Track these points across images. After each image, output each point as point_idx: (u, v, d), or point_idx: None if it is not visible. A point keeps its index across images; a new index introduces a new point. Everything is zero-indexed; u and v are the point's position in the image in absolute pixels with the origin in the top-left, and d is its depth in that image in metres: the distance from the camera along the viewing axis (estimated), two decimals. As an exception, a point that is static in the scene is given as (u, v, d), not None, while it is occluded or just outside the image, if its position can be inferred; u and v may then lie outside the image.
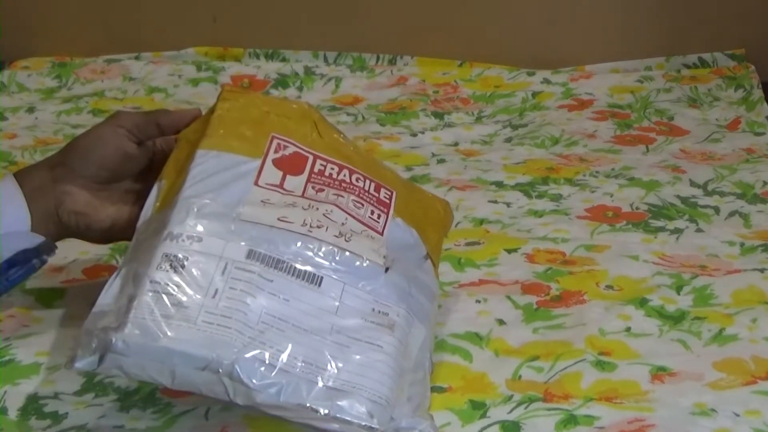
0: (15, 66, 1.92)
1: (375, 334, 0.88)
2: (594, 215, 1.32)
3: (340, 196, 0.96)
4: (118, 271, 0.89)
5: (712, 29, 1.91)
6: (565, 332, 1.04)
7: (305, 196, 0.94)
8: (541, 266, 1.18)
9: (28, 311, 1.10)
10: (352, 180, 0.98)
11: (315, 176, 0.96)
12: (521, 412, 0.92)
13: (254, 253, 0.87)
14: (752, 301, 1.10)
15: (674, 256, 1.20)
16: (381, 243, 0.94)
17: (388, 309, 0.90)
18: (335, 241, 0.91)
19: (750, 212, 1.33)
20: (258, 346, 0.83)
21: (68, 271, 1.18)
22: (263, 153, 0.96)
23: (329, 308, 0.88)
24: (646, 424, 0.90)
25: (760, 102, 1.73)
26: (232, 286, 0.85)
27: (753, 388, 0.95)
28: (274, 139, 0.98)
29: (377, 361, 0.86)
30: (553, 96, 1.79)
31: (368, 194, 0.98)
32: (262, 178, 0.94)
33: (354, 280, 0.90)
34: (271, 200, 0.92)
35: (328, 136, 1.02)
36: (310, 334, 0.85)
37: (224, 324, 0.83)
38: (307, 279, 0.88)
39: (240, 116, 0.99)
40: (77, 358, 0.82)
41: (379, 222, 0.96)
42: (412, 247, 0.98)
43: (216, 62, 1.92)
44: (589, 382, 0.96)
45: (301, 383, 0.83)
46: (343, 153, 1.01)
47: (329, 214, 0.93)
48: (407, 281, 0.94)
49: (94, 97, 1.81)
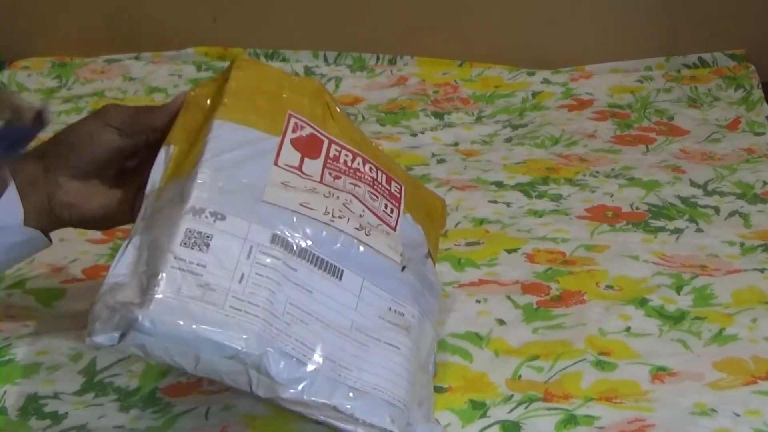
0: (15, 66, 1.92)
1: (392, 334, 0.86)
2: (594, 215, 1.32)
3: (356, 185, 0.92)
4: (129, 239, 0.85)
5: (712, 29, 1.91)
6: (565, 332, 1.04)
7: (324, 182, 0.90)
8: (541, 266, 1.18)
9: (28, 311, 1.10)
10: (365, 169, 0.94)
11: (331, 162, 0.92)
12: (521, 412, 0.92)
13: (278, 238, 0.84)
14: (752, 301, 1.10)
15: (674, 256, 1.20)
16: (396, 239, 0.91)
17: (404, 309, 0.89)
18: (356, 233, 0.88)
19: (750, 212, 1.33)
20: (285, 339, 0.80)
21: (68, 271, 1.18)
22: (281, 131, 0.91)
23: (349, 303, 0.85)
24: (646, 424, 0.90)
25: (760, 102, 1.73)
26: (258, 271, 0.82)
27: (753, 388, 0.95)
28: (291, 117, 0.93)
29: (395, 363, 0.85)
30: (553, 96, 1.78)
31: (381, 186, 0.95)
32: (281, 158, 0.89)
33: (372, 276, 0.87)
34: (291, 183, 0.88)
35: (340, 119, 0.97)
36: (332, 330, 0.83)
37: (252, 312, 0.80)
38: (329, 271, 0.85)
39: (256, 88, 0.94)
40: (96, 332, 0.78)
41: (392, 217, 0.94)
42: (419, 244, 0.96)
43: (216, 62, 1.91)
44: (589, 382, 0.96)
45: (326, 381, 0.81)
46: (354, 139, 0.97)
47: (348, 204, 0.90)
48: (420, 281, 0.92)
49: (94, 97, 1.81)
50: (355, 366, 0.83)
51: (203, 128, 0.90)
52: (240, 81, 0.94)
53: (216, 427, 0.90)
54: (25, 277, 1.17)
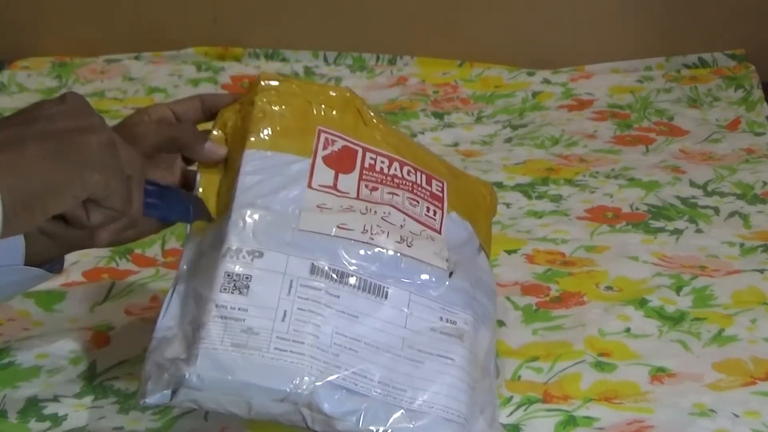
0: (15, 66, 1.92)
1: (445, 345, 0.84)
2: (594, 216, 1.32)
3: (394, 194, 0.89)
4: (173, 288, 0.84)
5: (712, 29, 1.91)
6: (564, 333, 1.04)
7: (360, 197, 0.88)
8: (540, 267, 1.18)
9: (27, 314, 1.10)
10: (403, 174, 0.91)
11: (367, 172, 0.90)
12: (521, 414, 0.92)
13: (317, 267, 0.83)
14: (752, 302, 1.10)
15: (674, 257, 1.20)
16: (441, 244, 0.89)
17: (456, 316, 0.86)
18: (397, 247, 0.86)
19: (750, 213, 1.33)
20: (334, 371, 0.79)
21: (68, 273, 1.18)
22: (312, 150, 0.89)
23: (398, 321, 0.83)
24: (645, 425, 0.90)
25: (760, 102, 1.73)
26: (300, 306, 0.80)
27: (752, 389, 0.95)
28: (321, 133, 0.90)
29: (451, 376, 0.82)
30: (553, 96, 1.78)
31: (421, 189, 0.92)
32: (315, 180, 0.87)
33: (419, 288, 0.85)
34: (327, 204, 0.86)
35: (373, 124, 0.94)
36: (383, 352, 0.81)
37: (297, 350, 0.79)
38: (374, 291, 0.84)
39: (282, 109, 0.91)
40: (148, 393, 0.78)
41: (436, 219, 0.90)
42: (467, 242, 0.93)
43: (216, 62, 1.91)
44: (589, 383, 0.96)
45: (380, 407, 0.79)
46: (390, 143, 0.93)
47: (387, 216, 0.87)
48: (470, 284, 0.89)
49: (94, 97, 1.80)
50: (409, 386, 0.81)
51: (233, 159, 0.89)
52: (266, 104, 0.91)
53: (215, 429, 0.90)
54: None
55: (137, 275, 1.18)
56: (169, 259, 1.22)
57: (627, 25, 1.93)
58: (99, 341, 1.04)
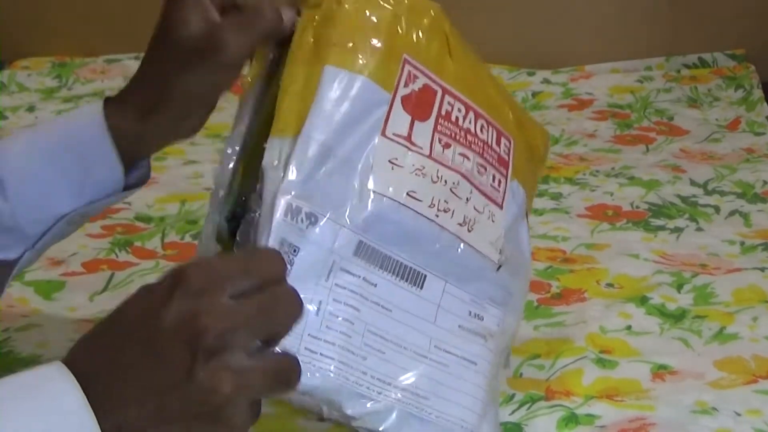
0: (15, 66, 1.92)
1: (470, 346, 0.76)
2: (594, 214, 1.32)
3: (465, 157, 0.76)
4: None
5: (712, 29, 1.91)
6: (565, 330, 1.04)
7: (433, 155, 0.73)
8: (541, 264, 1.18)
9: (26, 302, 1.10)
10: (477, 129, 0.77)
11: (442, 122, 0.75)
12: (523, 413, 0.91)
13: (363, 246, 0.70)
14: (753, 300, 1.10)
15: (675, 255, 1.20)
16: (499, 228, 0.78)
17: (485, 312, 0.78)
18: (458, 230, 0.74)
19: (750, 211, 1.33)
20: (360, 378, 0.70)
21: (68, 264, 1.18)
22: (394, 84, 0.72)
23: (428, 316, 0.74)
24: (647, 422, 0.89)
25: (760, 102, 1.73)
26: (335, 297, 0.69)
27: (754, 387, 0.95)
28: (406, 64, 0.73)
29: (471, 384, 0.76)
30: (553, 96, 1.79)
31: (491, 151, 0.78)
32: (390, 126, 0.71)
33: (458, 277, 0.75)
34: (399, 161, 0.71)
35: (458, 55, 0.78)
36: (411, 354, 0.73)
37: (328, 354, 0.69)
38: (412, 279, 0.73)
39: (369, 15, 0.73)
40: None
41: (499, 191, 0.79)
42: (518, 214, 0.82)
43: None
44: (591, 380, 0.96)
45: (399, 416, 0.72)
46: (468, 82, 0.78)
47: (456, 188, 0.74)
48: (513, 277, 0.81)
49: (95, 97, 1.81)
50: (432, 393, 0.74)
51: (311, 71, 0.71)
52: (354, 4, 0.73)
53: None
54: (24, 270, 1.17)
55: (137, 267, 1.19)
56: (169, 251, 1.22)
57: (627, 25, 1.93)
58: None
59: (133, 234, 1.28)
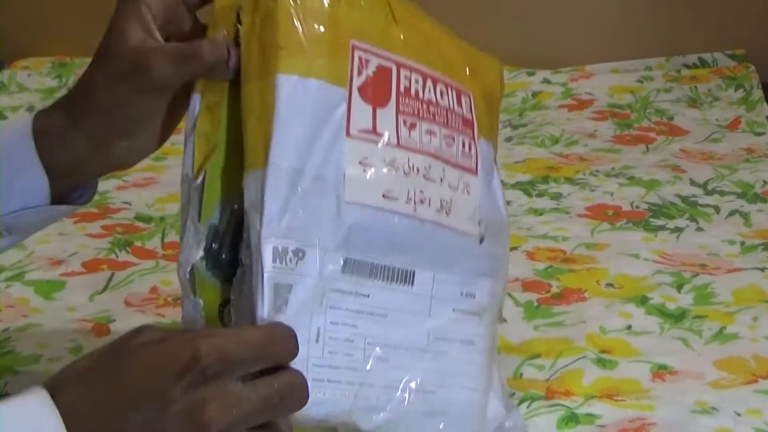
0: (15, 66, 1.92)
1: (465, 327, 0.76)
2: (594, 214, 1.32)
3: (432, 134, 0.73)
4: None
5: (712, 29, 1.91)
6: (565, 330, 1.04)
7: (401, 143, 0.70)
8: (541, 264, 1.18)
9: (26, 301, 1.10)
10: (437, 97, 0.74)
11: (403, 100, 0.72)
12: (523, 413, 0.91)
13: (350, 262, 0.69)
14: (753, 300, 1.10)
15: (675, 255, 1.20)
16: (476, 198, 0.76)
17: (476, 287, 0.77)
18: (436, 217, 0.73)
19: (750, 211, 1.33)
20: (368, 392, 0.70)
21: (67, 263, 1.18)
22: (348, 77, 0.68)
23: (423, 311, 0.73)
24: (647, 422, 0.89)
25: (760, 102, 1.73)
26: (332, 319, 0.68)
27: (754, 387, 0.95)
28: (355, 50, 0.69)
29: (473, 364, 0.76)
30: (553, 96, 1.79)
31: (455, 116, 0.75)
32: (353, 123, 0.68)
33: (444, 263, 0.74)
34: (369, 159, 0.69)
35: (404, 19, 0.74)
36: (412, 352, 0.73)
37: (334, 378, 0.68)
38: (401, 279, 0.72)
39: (310, 9, 0.68)
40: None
41: (471, 156, 0.76)
42: (489, 169, 0.80)
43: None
44: (591, 379, 0.96)
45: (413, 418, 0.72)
46: (420, 47, 0.74)
47: (428, 172, 0.72)
48: (496, 243, 0.79)
49: (94, 96, 1.80)
50: (438, 385, 0.74)
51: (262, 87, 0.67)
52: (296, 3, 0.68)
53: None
54: (24, 269, 1.17)
55: (137, 266, 1.19)
56: (169, 251, 1.22)
57: (627, 25, 1.93)
58: (99, 331, 1.04)
59: (133, 234, 1.28)
